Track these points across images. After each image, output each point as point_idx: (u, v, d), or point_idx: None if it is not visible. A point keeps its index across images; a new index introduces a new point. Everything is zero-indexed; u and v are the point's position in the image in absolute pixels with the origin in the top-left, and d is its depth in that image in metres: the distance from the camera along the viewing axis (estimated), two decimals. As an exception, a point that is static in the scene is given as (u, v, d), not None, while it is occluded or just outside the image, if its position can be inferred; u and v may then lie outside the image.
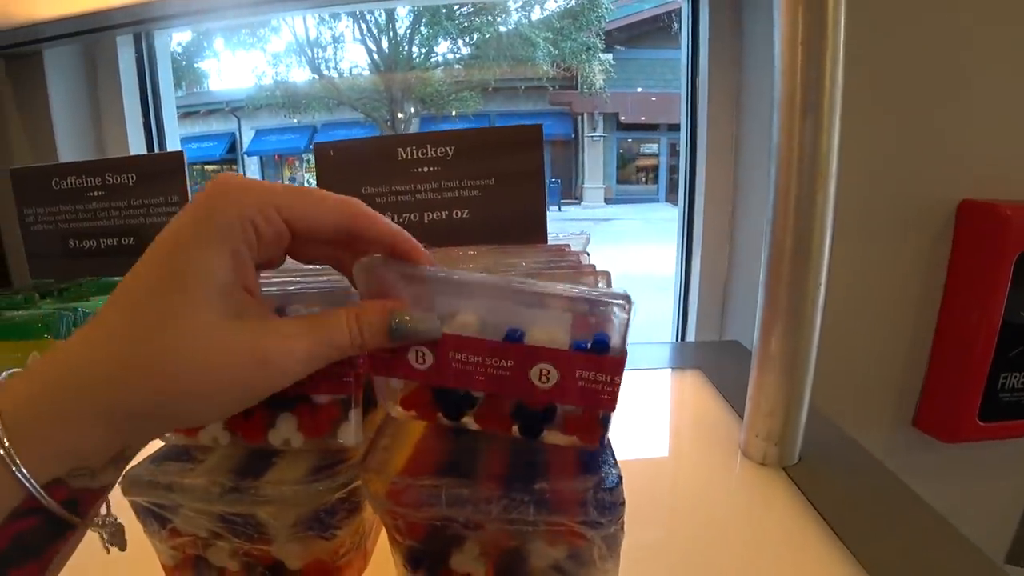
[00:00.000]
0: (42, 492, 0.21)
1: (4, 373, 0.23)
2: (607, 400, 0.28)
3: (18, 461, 0.21)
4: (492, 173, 0.59)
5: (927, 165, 0.68)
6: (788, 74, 0.45)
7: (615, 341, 0.28)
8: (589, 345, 0.28)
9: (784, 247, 0.47)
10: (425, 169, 0.60)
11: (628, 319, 0.27)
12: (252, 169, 12.50)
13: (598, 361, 0.28)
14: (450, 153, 0.60)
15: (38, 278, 0.80)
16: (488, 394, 0.30)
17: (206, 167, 12.31)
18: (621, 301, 0.27)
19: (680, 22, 0.98)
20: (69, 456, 0.22)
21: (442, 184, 0.60)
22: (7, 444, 0.20)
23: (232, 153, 12.50)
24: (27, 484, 0.21)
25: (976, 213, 0.67)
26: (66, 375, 0.22)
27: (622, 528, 0.31)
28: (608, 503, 0.30)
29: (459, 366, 0.29)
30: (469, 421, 0.30)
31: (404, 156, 0.60)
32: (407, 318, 0.27)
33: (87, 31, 0.91)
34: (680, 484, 0.54)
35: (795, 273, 0.47)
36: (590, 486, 0.30)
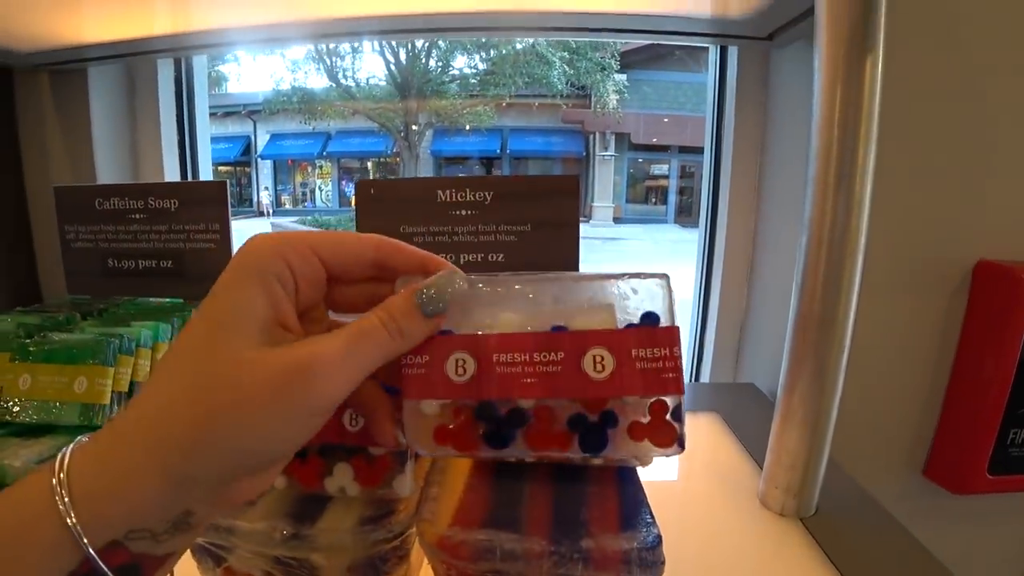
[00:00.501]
0: (100, 561, 0.22)
1: (81, 437, 0.24)
2: (672, 380, 0.27)
3: (84, 535, 0.21)
4: (528, 220, 0.61)
5: (946, 224, 0.70)
6: (823, 151, 0.46)
7: (663, 314, 0.28)
8: (638, 322, 0.28)
9: (811, 315, 0.48)
10: (463, 212, 0.62)
11: (670, 295, 0.28)
12: (265, 172, 12.58)
13: (652, 334, 0.27)
14: (488, 198, 0.62)
15: (75, 294, 0.82)
16: (538, 406, 0.28)
17: (220, 168, 12.41)
18: (658, 278, 0.28)
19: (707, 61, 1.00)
20: (125, 514, 0.22)
21: (479, 228, 0.62)
22: (74, 519, 0.21)
23: (247, 156, 12.59)
24: (87, 550, 0.21)
25: (992, 274, 0.68)
26: (122, 426, 0.23)
27: (659, 584, 0.33)
28: (650, 562, 0.32)
29: (504, 369, 0.27)
30: (518, 447, 0.28)
31: (443, 198, 0.62)
32: (430, 288, 0.27)
33: (130, 54, 0.95)
34: (698, 533, 0.55)
35: (821, 339, 0.48)
36: (634, 545, 0.32)
